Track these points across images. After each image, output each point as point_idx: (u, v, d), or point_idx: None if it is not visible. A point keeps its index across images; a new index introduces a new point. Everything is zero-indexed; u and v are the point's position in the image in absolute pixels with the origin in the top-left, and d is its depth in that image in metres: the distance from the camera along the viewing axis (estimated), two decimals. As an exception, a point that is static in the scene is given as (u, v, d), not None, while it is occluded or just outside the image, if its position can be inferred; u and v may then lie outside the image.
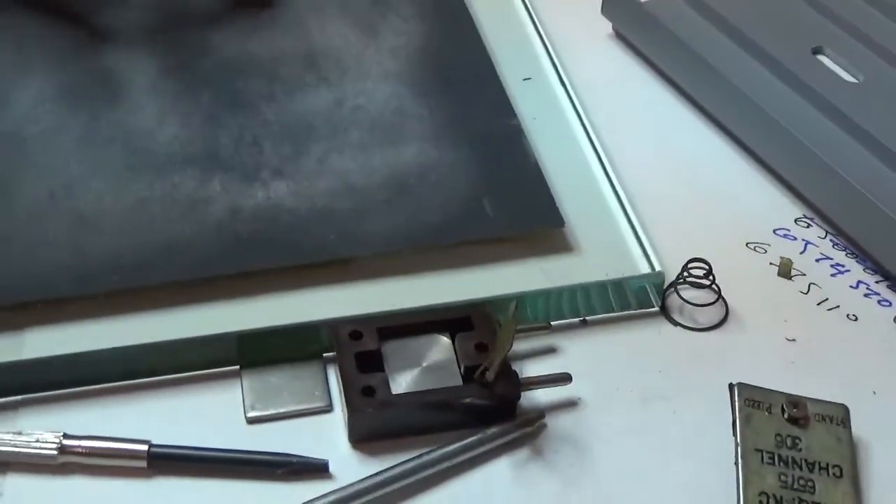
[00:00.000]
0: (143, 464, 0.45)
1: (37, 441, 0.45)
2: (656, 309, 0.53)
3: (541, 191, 0.57)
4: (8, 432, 0.45)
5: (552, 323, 0.52)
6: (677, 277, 0.54)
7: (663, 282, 0.53)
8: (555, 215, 0.55)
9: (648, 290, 0.53)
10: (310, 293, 0.52)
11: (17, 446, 0.45)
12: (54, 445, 0.45)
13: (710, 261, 0.53)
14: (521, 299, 0.50)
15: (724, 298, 0.53)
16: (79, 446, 0.45)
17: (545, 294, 0.52)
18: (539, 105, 0.64)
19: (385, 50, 0.65)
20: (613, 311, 0.53)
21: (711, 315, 0.53)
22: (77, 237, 0.53)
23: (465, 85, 0.63)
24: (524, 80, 0.65)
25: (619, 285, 0.53)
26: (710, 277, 0.53)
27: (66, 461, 0.45)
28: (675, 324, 0.53)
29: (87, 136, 0.59)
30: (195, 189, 0.56)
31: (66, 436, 0.45)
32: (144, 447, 0.45)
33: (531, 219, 0.56)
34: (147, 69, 0.63)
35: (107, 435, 0.46)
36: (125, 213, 0.54)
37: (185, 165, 0.57)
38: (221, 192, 0.56)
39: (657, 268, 0.53)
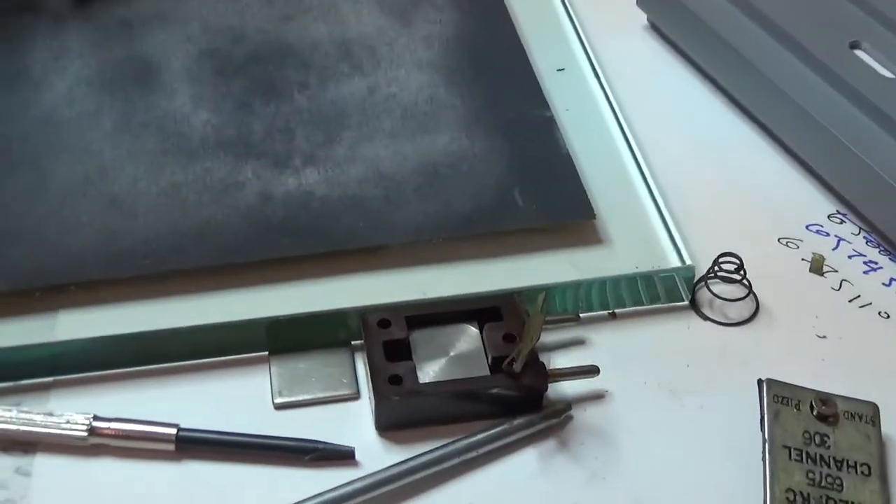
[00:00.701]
0: (172, 447, 0.45)
1: (67, 422, 0.45)
2: (686, 303, 0.53)
3: (572, 182, 0.56)
4: (39, 413, 0.46)
5: (581, 315, 0.52)
6: (708, 271, 0.53)
7: (693, 276, 0.53)
8: (586, 207, 0.55)
9: (678, 283, 0.53)
10: (339, 280, 0.52)
11: (47, 427, 0.45)
12: (84, 427, 0.45)
13: (741, 255, 0.53)
14: (550, 290, 0.50)
15: (754, 293, 0.53)
16: (108, 428, 0.46)
17: (574, 286, 0.52)
18: (572, 96, 0.63)
19: (419, 39, 0.65)
20: (643, 304, 0.53)
21: (741, 310, 0.53)
22: (110, 220, 0.53)
23: (497, 75, 0.63)
24: (558, 70, 0.65)
25: (648, 278, 0.53)
26: (742, 272, 0.53)
27: (96, 443, 0.46)
28: (705, 318, 0.53)
29: (122, 120, 0.59)
30: (227, 174, 0.56)
31: (96, 418, 0.46)
32: (173, 430, 0.46)
33: (562, 210, 0.55)
34: (182, 54, 0.64)
35: (137, 418, 0.46)
36: (158, 198, 0.55)
37: (217, 151, 0.57)
38: (253, 178, 0.56)
39: (687, 261, 0.53)
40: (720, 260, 0.53)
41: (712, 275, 0.53)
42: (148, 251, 0.52)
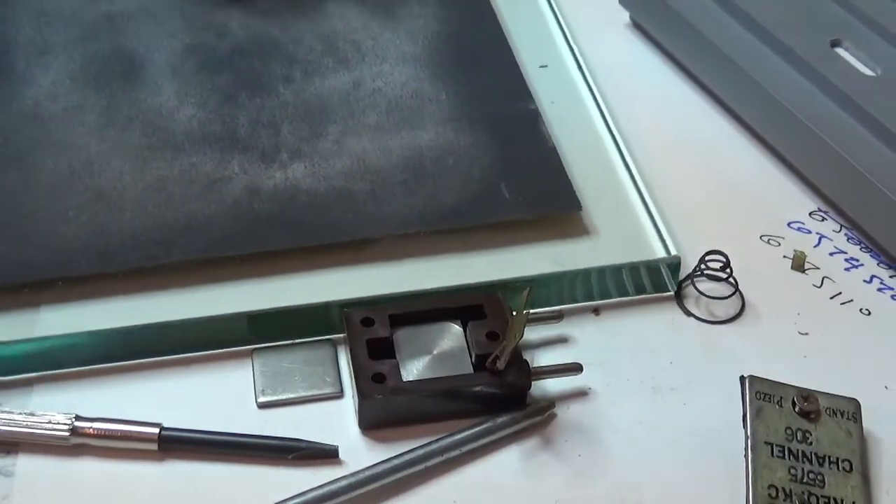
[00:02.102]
0: (155, 446, 0.45)
1: (49, 422, 0.44)
2: (671, 293, 0.53)
3: (558, 175, 0.56)
4: (21, 413, 0.45)
5: (568, 306, 0.51)
6: (694, 269, 0.53)
7: (679, 265, 0.53)
8: (572, 199, 0.55)
9: (664, 274, 0.53)
10: (327, 274, 0.52)
11: (29, 427, 0.44)
12: (66, 427, 0.44)
13: (722, 252, 0.52)
14: (535, 283, 0.50)
15: (740, 292, 0.52)
16: (91, 428, 0.45)
17: (560, 277, 0.51)
18: (556, 91, 0.63)
19: (403, 33, 0.65)
20: (629, 295, 0.52)
21: (727, 308, 0.52)
22: (97, 215, 0.53)
23: (482, 69, 0.63)
24: (541, 67, 0.64)
25: (635, 269, 0.52)
26: (728, 270, 0.52)
27: (79, 443, 0.45)
28: (689, 314, 0.52)
29: (107, 114, 0.58)
30: (214, 169, 0.55)
31: (78, 417, 0.45)
32: (156, 430, 0.45)
33: (549, 202, 0.55)
34: (165, 49, 0.63)
35: (119, 416, 0.45)
36: (144, 192, 0.54)
37: (203, 145, 0.57)
38: (240, 172, 0.55)
39: (673, 252, 0.53)
40: (706, 258, 0.52)
41: (699, 273, 0.53)
42: (135, 245, 0.51)
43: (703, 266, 0.52)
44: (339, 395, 0.48)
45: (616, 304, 0.52)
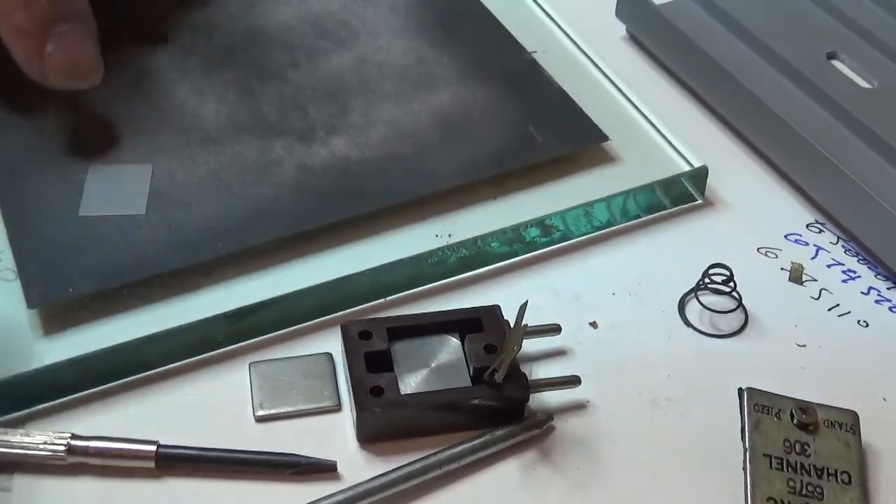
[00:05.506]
0: (152, 464, 0.43)
1: (45, 443, 0.43)
2: (700, 202, 0.57)
3: (576, 112, 0.59)
4: (16, 433, 0.44)
5: (613, 226, 0.55)
6: (698, 283, 0.52)
7: (707, 175, 0.56)
8: (597, 132, 0.57)
9: (689, 186, 0.57)
10: (398, 233, 0.54)
11: (24, 448, 0.43)
12: (63, 447, 0.43)
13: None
14: (586, 209, 0.55)
15: (744, 306, 0.51)
16: (87, 447, 0.43)
17: (606, 202, 0.55)
18: (538, 46, 0.65)
19: (383, 8, 0.65)
20: (668, 208, 0.57)
21: (730, 321, 0.51)
22: (165, 213, 0.52)
23: (469, 31, 0.64)
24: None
25: (666, 185, 0.56)
26: (731, 284, 0.51)
27: (75, 462, 0.43)
28: (688, 324, 0.52)
29: (130, 122, 0.57)
30: (260, 154, 0.55)
31: (74, 436, 0.43)
32: (153, 448, 0.43)
33: (578, 137, 0.58)
34: (159, 54, 0.61)
35: (116, 435, 0.44)
36: (202, 186, 0.53)
37: (240, 135, 0.56)
38: (285, 153, 0.55)
39: (696, 164, 0.56)
40: (710, 271, 0.51)
41: (703, 286, 0.52)
42: (216, 234, 0.51)
43: (706, 280, 0.52)
44: (338, 408, 0.47)
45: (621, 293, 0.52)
